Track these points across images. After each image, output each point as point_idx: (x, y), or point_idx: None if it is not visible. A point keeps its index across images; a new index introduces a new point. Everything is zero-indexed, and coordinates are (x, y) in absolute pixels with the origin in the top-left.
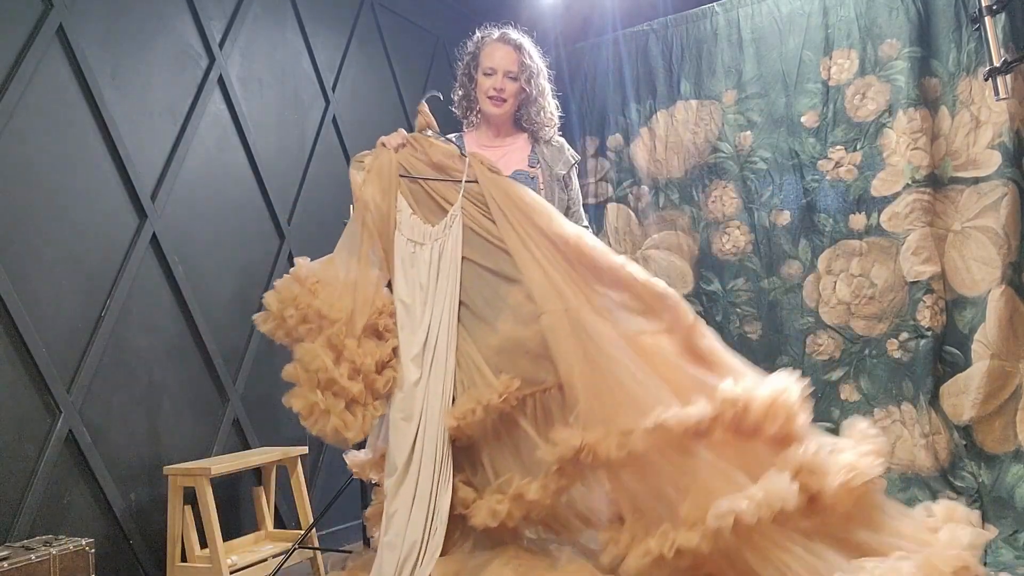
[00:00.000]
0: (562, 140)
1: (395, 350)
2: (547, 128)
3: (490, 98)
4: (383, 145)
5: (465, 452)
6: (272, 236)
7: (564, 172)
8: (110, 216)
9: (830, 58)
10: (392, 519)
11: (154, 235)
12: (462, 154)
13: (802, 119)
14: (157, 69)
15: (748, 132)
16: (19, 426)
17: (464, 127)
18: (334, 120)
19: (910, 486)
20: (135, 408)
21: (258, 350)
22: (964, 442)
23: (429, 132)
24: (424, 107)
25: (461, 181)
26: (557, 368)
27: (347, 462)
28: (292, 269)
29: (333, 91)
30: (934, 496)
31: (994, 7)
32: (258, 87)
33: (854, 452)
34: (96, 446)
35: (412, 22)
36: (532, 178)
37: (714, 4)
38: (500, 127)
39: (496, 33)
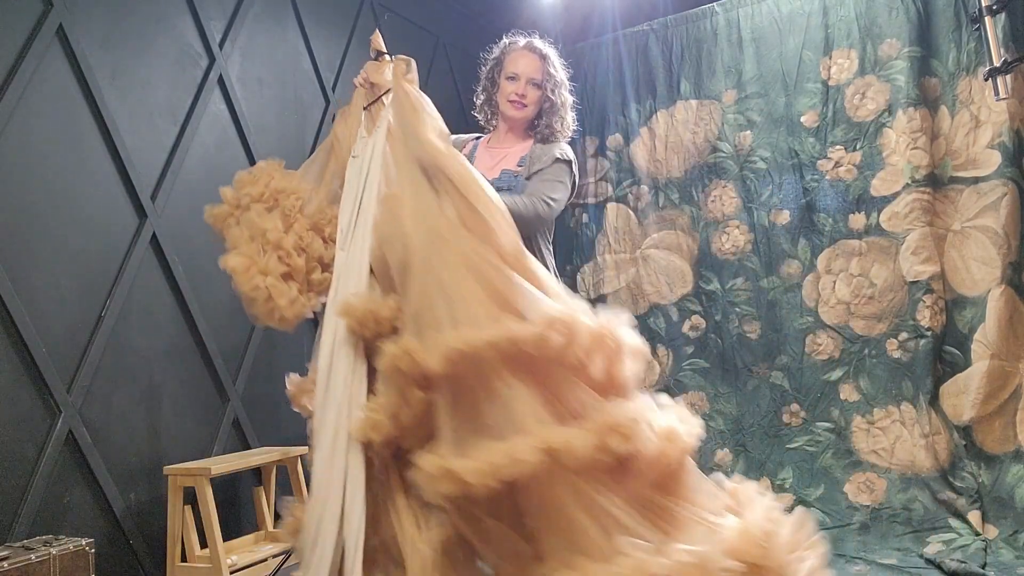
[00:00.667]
0: (563, 145)
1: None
2: (562, 138)
3: (511, 102)
4: (356, 86)
5: None
6: None
7: (540, 168)
8: (110, 216)
9: (830, 58)
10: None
11: (154, 235)
12: (389, 59)
13: (802, 119)
14: (157, 69)
15: (748, 132)
16: (19, 426)
17: (481, 131)
18: (334, 120)
19: (910, 486)
20: (135, 408)
21: (258, 350)
22: (964, 442)
23: (378, 55)
24: (376, 33)
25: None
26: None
27: (287, 383)
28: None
29: (333, 91)
30: (934, 496)
31: (994, 7)
32: (258, 87)
33: (672, 418)
34: (96, 446)
35: (412, 22)
36: (515, 176)
37: (714, 4)
38: (514, 131)
39: (522, 41)
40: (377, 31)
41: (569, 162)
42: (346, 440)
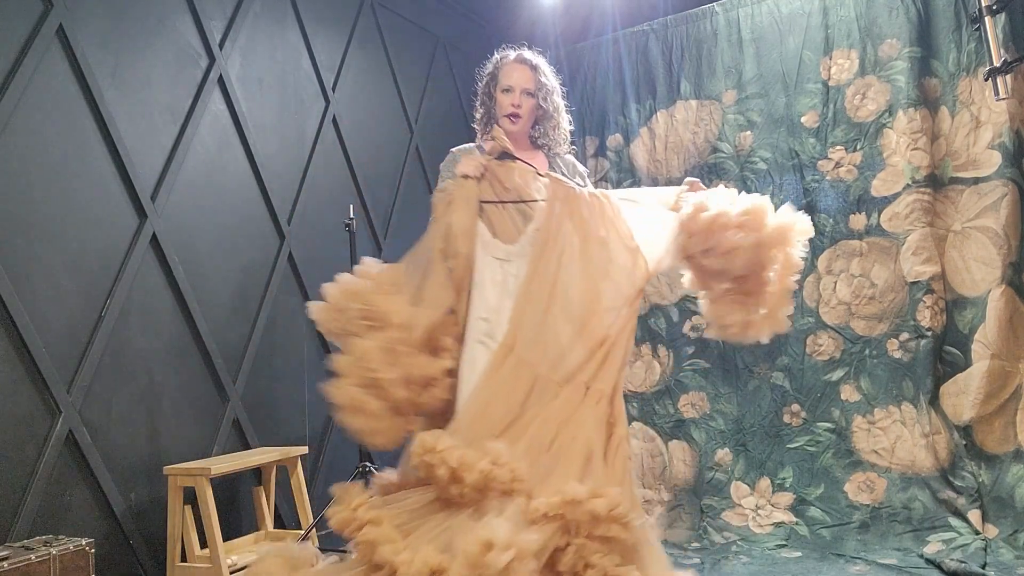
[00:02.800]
0: (572, 157)
1: (449, 371)
2: (562, 144)
3: (508, 115)
4: (466, 176)
5: None
6: (272, 236)
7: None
8: (110, 216)
9: (830, 58)
10: None
11: (154, 235)
12: (539, 174)
13: (802, 119)
14: (157, 69)
15: (748, 132)
16: (19, 426)
17: (480, 139)
18: (334, 120)
19: (910, 486)
20: (135, 408)
21: (258, 350)
22: (964, 442)
23: (504, 157)
24: (499, 132)
25: (537, 200)
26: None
27: (374, 480)
28: (358, 268)
29: (333, 91)
30: (934, 496)
31: (994, 7)
32: (258, 87)
33: None
34: (96, 446)
35: (412, 22)
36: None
37: (714, 4)
38: (517, 143)
39: (513, 54)
40: (500, 132)
41: (584, 175)
42: None
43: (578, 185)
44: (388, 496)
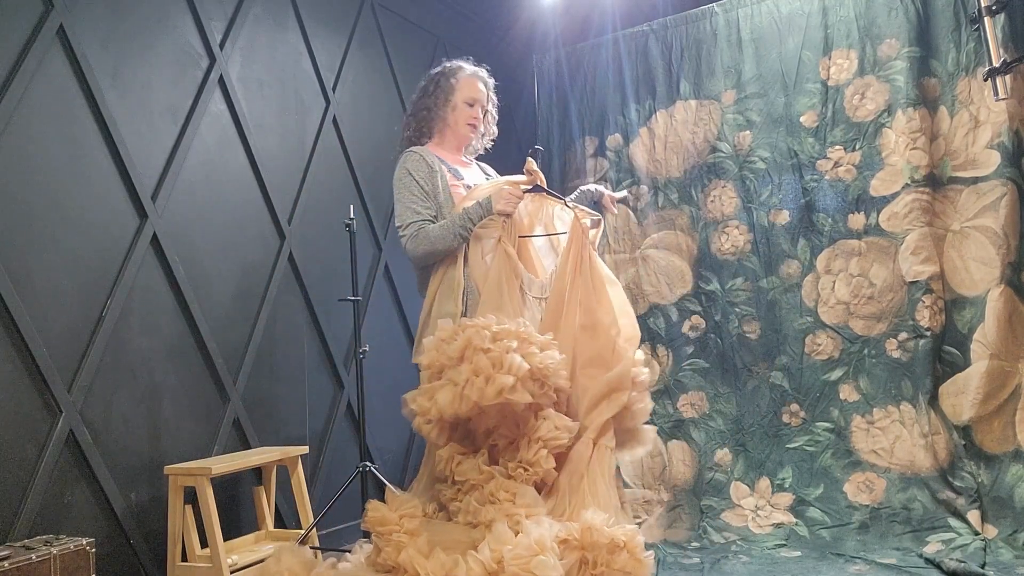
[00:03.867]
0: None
1: None
2: (481, 147)
3: (469, 124)
4: (507, 214)
5: None
6: (272, 236)
7: None
8: (110, 216)
9: (829, 58)
10: None
11: (154, 235)
12: (566, 204)
13: (801, 119)
14: (158, 69)
15: (747, 132)
16: (19, 426)
17: (410, 143)
18: (334, 120)
19: (909, 486)
20: (135, 408)
21: (258, 350)
22: (963, 442)
23: (538, 190)
24: (533, 164)
25: (564, 233)
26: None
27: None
28: (508, 328)
29: (333, 91)
30: (934, 496)
31: (993, 7)
32: (258, 87)
33: None
34: (96, 446)
35: (412, 22)
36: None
37: (714, 4)
38: (460, 150)
39: (470, 68)
40: (533, 164)
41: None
42: None
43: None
44: (429, 519)
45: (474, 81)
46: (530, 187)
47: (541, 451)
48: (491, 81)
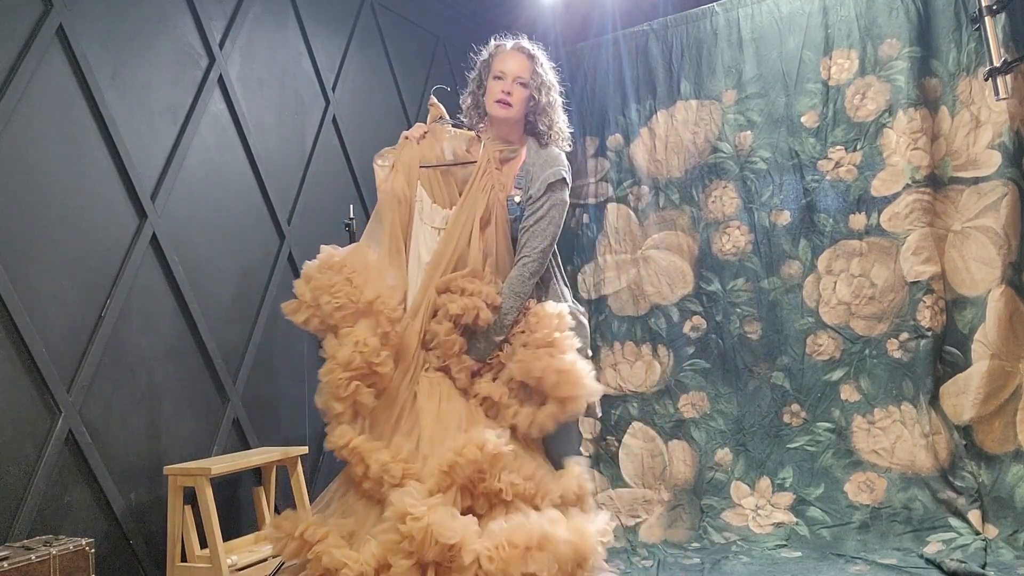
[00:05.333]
0: (559, 153)
1: None
2: (556, 142)
3: (497, 101)
4: (406, 138)
5: None
6: (272, 236)
7: (532, 198)
8: (110, 216)
9: (830, 58)
10: None
11: (154, 235)
12: (478, 137)
13: (802, 119)
14: (157, 69)
15: (748, 132)
16: (19, 426)
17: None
18: (334, 120)
19: (910, 486)
20: (135, 408)
21: (258, 350)
22: (964, 442)
23: (443, 121)
24: (434, 99)
25: (475, 162)
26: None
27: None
28: (321, 256)
29: (333, 91)
30: (934, 496)
31: (994, 7)
32: (258, 87)
33: None
34: (96, 446)
35: (412, 22)
36: (518, 203)
37: (714, 4)
38: (505, 134)
39: (510, 43)
40: (434, 100)
41: (560, 181)
42: None
43: (534, 192)
44: (324, 504)
45: (511, 55)
46: (436, 120)
47: (335, 371)
48: (540, 55)
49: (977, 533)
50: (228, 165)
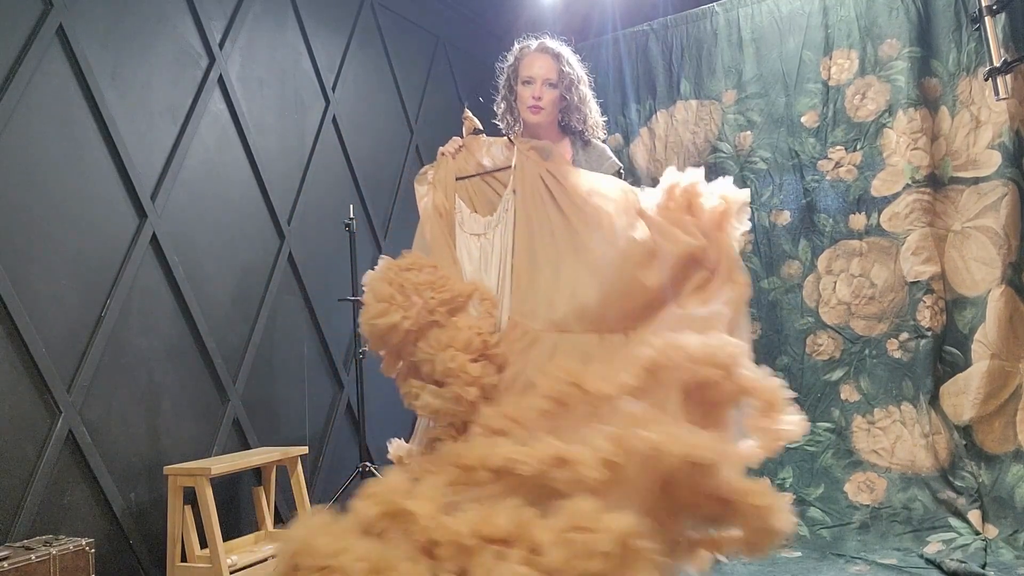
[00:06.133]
0: (603, 146)
1: None
2: (593, 133)
3: (529, 107)
4: (442, 154)
5: None
6: (272, 236)
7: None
8: (110, 216)
9: (830, 58)
10: None
11: (154, 235)
12: (510, 140)
13: (802, 119)
14: (157, 69)
15: (748, 132)
16: (19, 426)
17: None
18: (334, 120)
19: (910, 486)
20: (135, 408)
21: (258, 350)
22: (964, 442)
23: (477, 132)
24: (468, 112)
25: (509, 167)
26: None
27: (390, 449)
28: (390, 262)
29: (333, 91)
30: (934, 496)
31: (994, 7)
32: (258, 87)
33: None
34: (96, 446)
35: (412, 22)
36: None
37: (714, 4)
38: (542, 135)
39: (534, 44)
40: (468, 112)
41: (617, 172)
42: None
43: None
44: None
45: (536, 57)
46: (471, 132)
47: (458, 356)
48: (565, 52)
49: (977, 533)
50: (228, 165)
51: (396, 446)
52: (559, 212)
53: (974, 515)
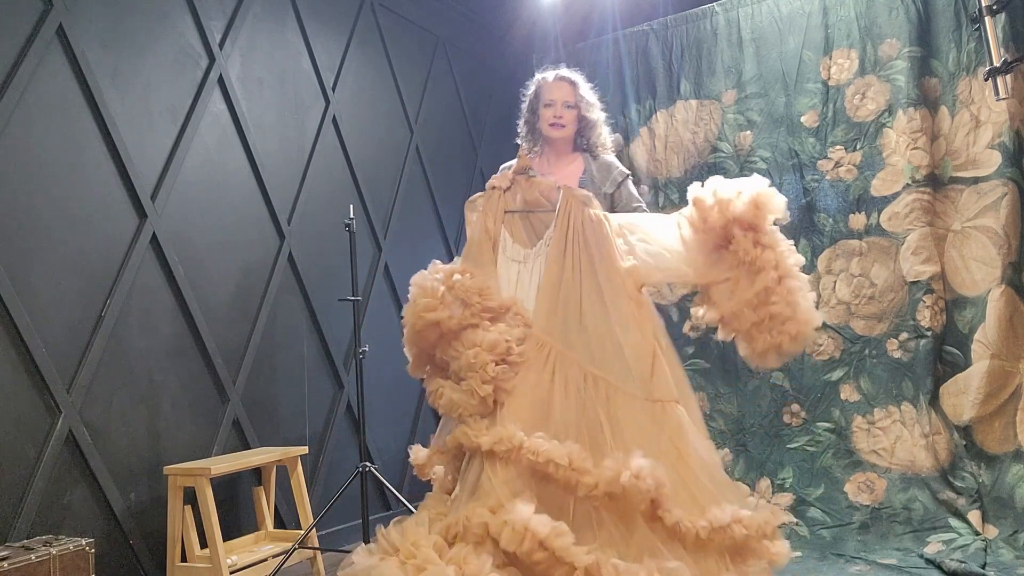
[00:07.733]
0: (611, 158)
1: None
2: (603, 148)
3: (551, 124)
4: (493, 188)
5: None
6: (272, 236)
7: (611, 191)
8: (110, 216)
9: (830, 58)
10: None
11: (154, 235)
12: (558, 189)
13: (802, 119)
14: (157, 69)
15: (748, 132)
16: (19, 426)
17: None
18: (334, 120)
19: (910, 486)
20: (135, 408)
21: (258, 350)
22: (964, 442)
23: (529, 173)
24: (523, 152)
25: (553, 211)
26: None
27: (411, 457)
28: (443, 268)
29: (333, 91)
30: (934, 496)
31: (994, 7)
32: (258, 87)
33: None
34: (96, 446)
35: (412, 22)
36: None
37: (714, 4)
38: (560, 151)
39: (551, 75)
40: (524, 152)
41: (626, 177)
42: None
43: (608, 191)
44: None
45: (556, 84)
46: (521, 171)
47: (481, 355)
48: (580, 80)
49: (977, 533)
50: (228, 165)
51: (416, 451)
52: (590, 259)
53: (974, 515)
